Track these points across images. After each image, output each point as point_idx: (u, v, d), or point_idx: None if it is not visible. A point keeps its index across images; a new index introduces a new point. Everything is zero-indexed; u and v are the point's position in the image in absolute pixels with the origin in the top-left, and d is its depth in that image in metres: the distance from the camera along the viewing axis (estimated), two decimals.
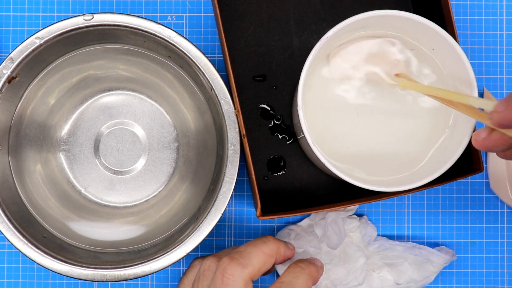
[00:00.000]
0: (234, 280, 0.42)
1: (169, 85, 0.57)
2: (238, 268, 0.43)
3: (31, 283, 0.58)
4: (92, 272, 0.50)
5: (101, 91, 0.58)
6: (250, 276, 0.43)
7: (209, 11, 0.59)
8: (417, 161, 0.50)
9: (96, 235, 0.56)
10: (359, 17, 0.46)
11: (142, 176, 0.58)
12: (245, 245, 0.45)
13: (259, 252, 0.44)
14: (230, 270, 0.43)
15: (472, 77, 0.47)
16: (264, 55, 0.57)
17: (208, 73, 0.50)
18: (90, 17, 0.50)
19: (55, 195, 0.56)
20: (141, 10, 0.59)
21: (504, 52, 0.59)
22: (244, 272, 0.43)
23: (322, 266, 0.47)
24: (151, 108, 0.58)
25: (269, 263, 0.45)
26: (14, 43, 0.58)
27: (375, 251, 0.56)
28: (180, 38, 0.50)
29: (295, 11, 0.57)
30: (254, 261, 0.44)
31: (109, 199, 0.57)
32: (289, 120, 0.57)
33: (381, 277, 0.56)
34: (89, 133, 0.57)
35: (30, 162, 0.56)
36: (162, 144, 0.57)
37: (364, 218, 0.57)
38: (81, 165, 0.57)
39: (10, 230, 0.50)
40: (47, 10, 0.59)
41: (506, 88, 0.59)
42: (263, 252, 0.44)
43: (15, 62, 0.50)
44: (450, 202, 0.58)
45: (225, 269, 0.43)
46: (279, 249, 0.46)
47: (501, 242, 0.58)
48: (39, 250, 0.50)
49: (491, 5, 0.59)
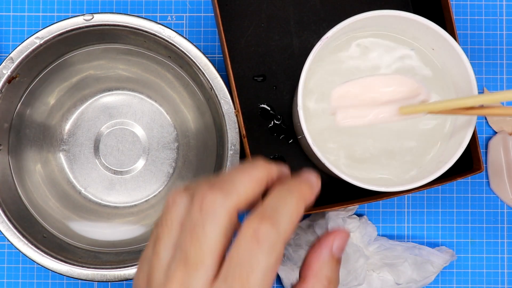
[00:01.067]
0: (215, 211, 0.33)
1: (169, 85, 0.57)
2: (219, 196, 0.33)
3: (31, 283, 0.58)
4: (92, 272, 0.50)
5: (101, 91, 0.58)
6: (235, 206, 0.33)
7: (209, 11, 0.59)
8: (417, 161, 0.50)
9: (96, 235, 0.56)
10: (359, 17, 0.46)
11: (142, 176, 0.58)
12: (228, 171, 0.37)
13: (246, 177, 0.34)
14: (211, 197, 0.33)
15: (472, 77, 0.47)
16: (264, 55, 0.57)
17: (208, 73, 0.50)
18: (90, 17, 0.50)
19: (55, 195, 0.56)
20: (141, 10, 0.59)
21: (504, 52, 0.59)
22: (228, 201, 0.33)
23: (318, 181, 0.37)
24: (151, 108, 0.58)
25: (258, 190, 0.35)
26: (14, 43, 0.58)
27: (375, 251, 0.56)
28: (180, 38, 0.50)
29: (295, 11, 0.57)
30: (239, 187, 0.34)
31: (109, 199, 0.57)
32: (289, 120, 0.57)
33: (381, 277, 0.56)
34: (89, 133, 0.57)
35: (30, 162, 0.56)
36: (162, 144, 0.57)
37: (364, 218, 0.57)
38: (81, 165, 0.57)
39: (10, 230, 0.50)
40: (47, 10, 0.59)
41: (506, 88, 0.59)
42: (250, 176, 0.34)
43: (15, 62, 0.50)
44: (450, 202, 0.58)
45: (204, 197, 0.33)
46: (271, 171, 0.36)
47: (501, 242, 0.58)
48: (39, 250, 0.50)
49: (491, 5, 0.59)
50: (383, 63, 0.50)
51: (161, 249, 0.34)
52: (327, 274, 0.35)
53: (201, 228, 0.33)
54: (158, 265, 0.34)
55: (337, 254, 0.36)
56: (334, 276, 0.35)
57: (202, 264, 0.32)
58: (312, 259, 0.35)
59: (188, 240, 0.33)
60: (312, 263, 0.35)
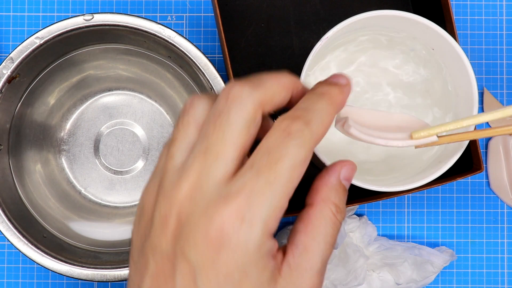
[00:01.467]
0: (242, 100, 0.31)
1: (169, 85, 0.57)
2: (247, 87, 0.32)
3: (31, 283, 0.58)
4: (92, 272, 0.50)
5: (101, 91, 0.58)
6: (261, 100, 0.32)
7: (209, 11, 0.59)
8: (417, 161, 0.50)
9: (96, 235, 0.56)
10: (359, 17, 0.46)
11: (142, 176, 0.58)
12: None
13: (274, 79, 0.33)
14: (238, 88, 0.32)
15: (472, 77, 0.47)
16: (264, 55, 0.57)
17: (208, 73, 0.50)
18: (90, 17, 0.50)
19: (55, 195, 0.56)
20: (141, 10, 0.59)
21: (504, 52, 0.59)
22: (255, 93, 0.32)
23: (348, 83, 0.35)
24: (151, 108, 0.58)
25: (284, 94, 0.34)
26: (14, 43, 0.58)
27: (375, 251, 0.56)
28: (180, 38, 0.50)
29: (295, 11, 0.57)
30: (267, 84, 0.33)
31: (109, 199, 0.57)
32: None
33: (381, 277, 0.56)
34: (89, 133, 0.57)
35: (30, 162, 0.56)
36: (162, 144, 0.57)
37: (364, 218, 0.57)
38: (81, 165, 0.57)
39: (10, 230, 0.50)
40: (47, 10, 0.59)
41: (506, 88, 0.59)
42: (278, 79, 0.33)
43: (15, 62, 0.50)
44: (450, 202, 0.58)
45: (231, 87, 0.32)
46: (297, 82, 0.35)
47: (501, 242, 0.58)
48: (39, 250, 0.50)
49: (491, 5, 0.59)
50: (383, 63, 0.51)
51: (176, 151, 0.33)
52: (335, 200, 0.34)
53: (226, 116, 0.31)
54: (172, 166, 0.32)
55: (344, 183, 0.35)
56: (341, 205, 0.34)
57: (223, 154, 0.31)
58: (320, 185, 0.34)
59: (211, 128, 0.31)
60: (320, 189, 0.34)
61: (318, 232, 0.33)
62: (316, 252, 0.33)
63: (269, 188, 0.30)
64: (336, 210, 0.34)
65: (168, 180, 0.32)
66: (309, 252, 0.33)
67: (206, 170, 0.31)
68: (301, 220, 0.33)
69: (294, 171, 0.31)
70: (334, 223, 0.33)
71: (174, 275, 0.31)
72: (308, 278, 0.32)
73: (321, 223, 0.33)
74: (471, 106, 0.47)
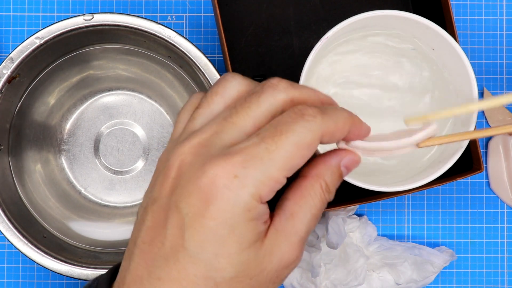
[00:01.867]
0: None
1: (169, 85, 0.57)
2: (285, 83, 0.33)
3: (31, 283, 0.58)
4: (92, 272, 0.50)
5: (101, 91, 0.58)
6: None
7: (209, 11, 0.59)
8: (417, 161, 0.50)
9: (96, 235, 0.56)
10: (359, 17, 0.46)
11: (142, 176, 0.58)
12: None
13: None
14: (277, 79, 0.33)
15: (472, 77, 0.47)
16: (264, 55, 0.57)
17: (208, 73, 0.50)
18: (90, 17, 0.50)
19: (55, 195, 0.56)
20: (141, 10, 0.59)
21: (504, 52, 0.59)
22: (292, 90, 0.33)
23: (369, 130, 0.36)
24: (151, 108, 0.58)
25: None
26: (14, 43, 0.58)
27: (375, 251, 0.56)
28: (180, 38, 0.50)
29: (295, 11, 0.57)
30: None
31: (109, 199, 0.57)
32: None
33: (381, 277, 0.56)
34: (89, 133, 0.57)
35: (30, 162, 0.56)
36: (162, 144, 0.57)
37: (364, 218, 0.57)
38: (81, 165, 0.57)
39: (10, 230, 0.50)
40: (47, 10, 0.59)
41: (506, 88, 0.59)
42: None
43: (15, 62, 0.50)
44: (450, 202, 0.58)
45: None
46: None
47: (501, 242, 0.58)
48: (39, 250, 0.50)
49: (491, 5, 0.59)
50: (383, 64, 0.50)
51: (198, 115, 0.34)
52: (327, 179, 0.34)
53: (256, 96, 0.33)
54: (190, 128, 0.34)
55: (343, 169, 0.35)
56: (332, 187, 0.35)
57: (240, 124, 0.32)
58: (319, 161, 0.35)
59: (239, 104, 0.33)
60: (318, 165, 0.35)
61: (306, 201, 0.34)
62: (302, 219, 0.33)
63: (267, 155, 0.31)
64: (326, 188, 0.34)
65: (183, 137, 0.33)
66: (295, 219, 0.33)
67: (218, 132, 0.32)
68: (291, 189, 0.34)
69: (297, 149, 0.31)
70: (321, 198, 0.34)
71: (166, 226, 0.32)
72: (291, 243, 0.33)
73: (309, 194, 0.34)
74: None
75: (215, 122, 0.33)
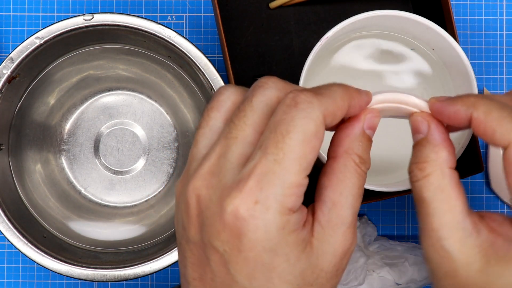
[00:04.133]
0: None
1: (169, 85, 0.57)
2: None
3: (31, 283, 0.58)
4: (92, 272, 0.50)
5: (101, 91, 0.58)
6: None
7: (209, 11, 0.59)
8: None
9: (96, 235, 0.56)
10: (359, 17, 0.46)
11: (142, 176, 0.58)
12: None
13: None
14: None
15: (472, 77, 0.47)
16: (264, 55, 0.57)
17: (208, 73, 0.50)
18: (90, 17, 0.50)
19: (55, 195, 0.56)
20: (141, 10, 0.59)
21: (504, 52, 0.59)
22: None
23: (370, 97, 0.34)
24: (151, 108, 0.58)
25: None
26: (14, 43, 0.58)
27: (375, 251, 0.56)
28: (180, 38, 0.50)
29: (295, 11, 0.57)
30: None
31: (109, 199, 0.57)
32: None
33: (381, 277, 0.56)
34: (89, 133, 0.57)
35: (30, 162, 0.56)
36: (162, 144, 0.57)
37: (364, 218, 0.57)
38: (81, 165, 0.57)
39: (10, 230, 0.50)
40: (47, 10, 0.59)
41: (506, 88, 0.59)
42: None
43: (15, 62, 0.50)
44: None
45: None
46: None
47: None
48: (39, 250, 0.50)
49: (491, 5, 0.59)
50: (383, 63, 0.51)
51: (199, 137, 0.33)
52: (358, 151, 0.33)
53: (249, 101, 0.31)
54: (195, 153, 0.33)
55: (368, 132, 0.34)
56: (365, 155, 0.33)
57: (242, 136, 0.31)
58: (342, 136, 0.33)
59: (235, 114, 0.32)
60: (342, 140, 0.33)
61: (344, 185, 0.32)
62: (345, 206, 0.32)
63: (278, 166, 0.29)
64: (360, 161, 0.33)
65: (192, 167, 0.32)
66: (337, 207, 0.32)
67: (224, 153, 0.31)
68: (325, 174, 0.32)
69: (305, 145, 0.30)
70: (359, 174, 0.32)
71: (209, 263, 0.31)
72: (341, 233, 0.31)
73: (345, 176, 0.32)
74: None
75: (218, 143, 0.31)
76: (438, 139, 0.34)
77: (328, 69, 0.50)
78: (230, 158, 0.31)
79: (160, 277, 0.58)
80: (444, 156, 0.33)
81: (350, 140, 0.33)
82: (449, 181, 0.33)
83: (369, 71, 0.50)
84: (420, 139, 0.34)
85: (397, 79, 0.51)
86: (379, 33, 0.50)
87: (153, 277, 0.58)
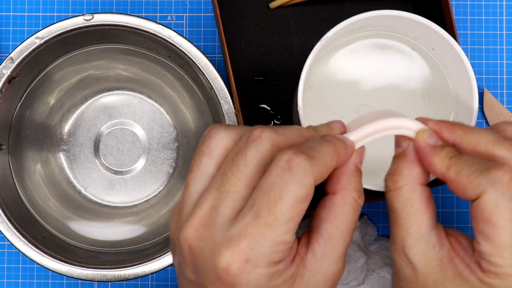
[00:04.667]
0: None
1: (169, 85, 0.57)
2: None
3: (31, 283, 0.58)
4: (92, 272, 0.50)
5: (101, 91, 0.58)
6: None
7: (209, 11, 0.59)
8: None
9: (96, 235, 0.56)
10: (359, 17, 0.46)
11: (142, 176, 0.58)
12: None
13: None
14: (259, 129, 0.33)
15: (472, 77, 0.47)
16: (264, 55, 0.57)
17: (208, 73, 0.50)
18: (90, 17, 0.50)
19: (55, 195, 0.56)
20: (141, 10, 0.59)
21: (504, 52, 0.59)
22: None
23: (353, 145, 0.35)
24: (151, 108, 0.58)
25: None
26: (14, 43, 0.58)
27: (375, 251, 0.56)
28: (180, 38, 0.50)
29: (295, 11, 0.57)
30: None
31: (109, 199, 0.58)
32: (289, 120, 0.57)
33: (381, 277, 0.56)
34: (89, 133, 0.57)
35: (30, 162, 0.56)
36: (162, 144, 0.57)
37: (364, 218, 0.57)
38: (81, 165, 0.57)
39: (10, 230, 0.50)
40: (47, 10, 0.59)
41: (506, 88, 0.59)
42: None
43: (15, 62, 0.50)
44: (450, 202, 0.58)
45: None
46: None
47: None
48: (39, 250, 0.50)
49: (491, 5, 0.59)
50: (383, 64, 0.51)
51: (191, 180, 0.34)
52: (355, 187, 0.35)
53: (243, 155, 0.33)
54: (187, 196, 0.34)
55: (359, 166, 0.36)
56: (361, 189, 0.35)
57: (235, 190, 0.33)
58: (338, 172, 0.35)
59: (228, 166, 0.33)
60: (340, 177, 0.35)
61: (342, 220, 0.34)
62: (340, 239, 0.34)
63: (269, 230, 0.31)
64: (357, 195, 0.35)
65: (184, 212, 0.34)
66: (333, 240, 0.34)
67: (216, 206, 0.33)
68: (325, 208, 0.35)
69: (295, 209, 0.32)
70: (356, 209, 0.35)
71: None
72: (333, 264, 0.34)
73: (343, 211, 0.34)
74: (471, 106, 0.47)
75: (210, 193, 0.33)
76: (414, 156, 0.36)
77: (328, 69, 0.50)
78: (222, 212, 0.32)
79: (160, 277, 0.58)
80: (417, 172, 0.36)
81: (347, 176, 0.35)
82: (419, 196, 0.35)
83: (369, 71, 0.50)
84: (399, 152, 0.37)
85: (397, 79, 0.51)
86: (379, 33, 0.50)
87: (153, 277, 0.58)
